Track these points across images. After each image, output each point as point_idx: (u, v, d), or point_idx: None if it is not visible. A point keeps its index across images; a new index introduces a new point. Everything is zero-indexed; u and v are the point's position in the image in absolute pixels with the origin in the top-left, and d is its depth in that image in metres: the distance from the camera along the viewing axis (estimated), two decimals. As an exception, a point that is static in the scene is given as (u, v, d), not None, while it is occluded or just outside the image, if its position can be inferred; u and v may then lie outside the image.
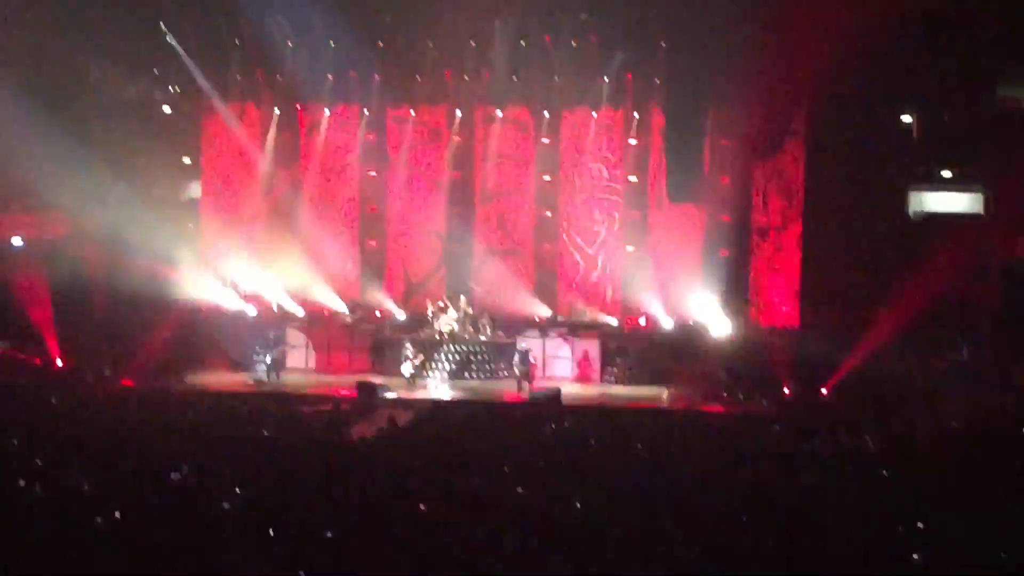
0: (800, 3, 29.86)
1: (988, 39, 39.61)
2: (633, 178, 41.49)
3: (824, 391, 34.87)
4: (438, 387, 38.30)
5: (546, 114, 41.54)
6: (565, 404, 34.31)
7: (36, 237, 42.61)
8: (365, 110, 42.23)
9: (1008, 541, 15.28)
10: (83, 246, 42.77)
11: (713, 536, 15.40)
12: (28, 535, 15.19)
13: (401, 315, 41.96)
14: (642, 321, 40.78)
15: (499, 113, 41.68)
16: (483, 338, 40.65)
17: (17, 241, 40.87)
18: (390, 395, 36.16)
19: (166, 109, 43.82)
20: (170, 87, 44.13)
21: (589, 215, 41.61)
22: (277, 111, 42.49)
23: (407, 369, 37.95)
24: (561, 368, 40.37)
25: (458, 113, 42.11)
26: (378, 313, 42.04)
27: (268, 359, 39.56)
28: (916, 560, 14.79)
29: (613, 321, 40.95)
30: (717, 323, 40.14)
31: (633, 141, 41.19)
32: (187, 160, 44.49)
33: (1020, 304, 36.44)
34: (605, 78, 40.55)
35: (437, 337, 40.03)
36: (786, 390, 35.31)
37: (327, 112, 42.42)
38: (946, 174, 42.27)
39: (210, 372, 39.77)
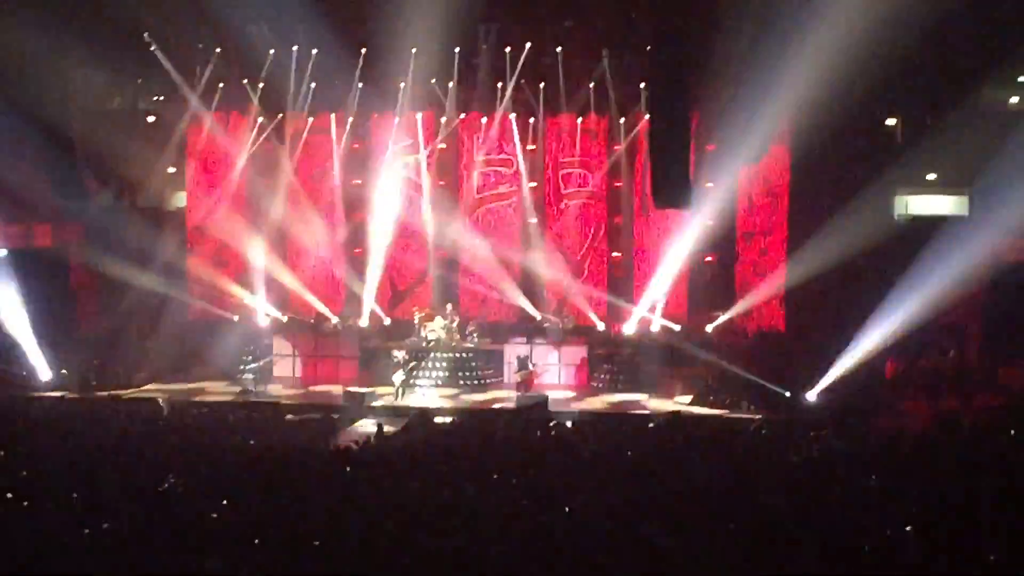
0: (782, 8, 29.89)
1: (970, 42, 39.72)
2: (618, 184, 41.57)
3: (810, 394, 34.88)
4: (426, 395, 38.23)
5: (531, 120, 41.57)
6: (552, 410, 34.30)
7: (21, 247, 42.55)
8: (349, 118, 42.17)
9: (997, 544, 15.29)
10: (68, 256, 42.78)
11: (702, 541, 15.40)
12: (13, 547, 15.16)
13: (387, 323, 41.89)
14: (628, 327, 40.76)
15: (483, 120, 41.66)
16: (470, 345, 40.65)
17: (0, 251, 40.73)
18: (377, 403, 36.11)
19: (150, 118, 43.79)
20: (154, 96, 44.14)
21: (574, 221, 41.62)
22: (261, 119, 42.42)
23: (398, 377, 37.87)
24: (548, 375, 40.34)
25: (442, 120, 42.11)
26: (363, 322, 41.96)
27: (255, 369, 39.54)
28: (904, 563, 14.80)
29: (600, 327, 40.92)
30: (703, 328, 40.20)
31: (617, 147, 41.27)
32: (172, 169, 44.45)
33: (1005, 305, 36.49)
34: (590, 84, 40.62)
35: (424, 345, 39.99)
36: (774, 395, 35.29)
37: (310, 120, 42.37)
38: (930, 177, 42.36)
39: (197, 381, 39.69)
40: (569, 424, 30.96)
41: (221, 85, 42.12)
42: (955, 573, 14.41)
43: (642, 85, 39.36)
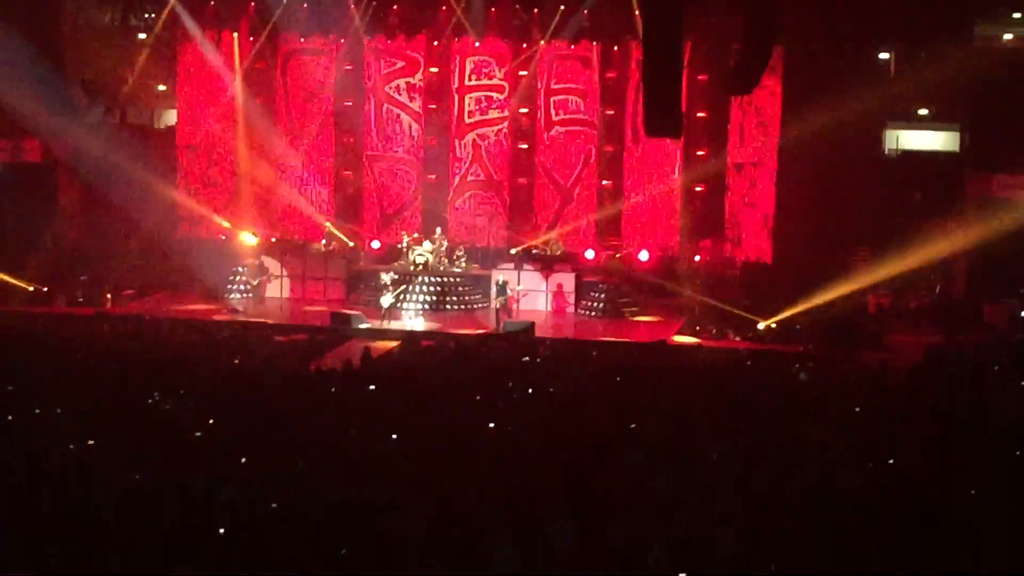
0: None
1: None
2: (609, 112, 41.52)
3: (797, 326, 34.98)
4: (413, 319, 38.26)
5: (524, 46, 41.44)
6: (539, 336, 34.38)
7: (10, 162, 42.49)
8: (341, 39, 41.99)
9: (977, 480, 15.39)
10: (57, 172, 42.70)
11: (686, 473, 15.49)
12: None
13: (376, 246, 41.88)
14: (617, 254, 40.84)
15: (476, 44, 41.51)
16: (458, 270, 40.65)
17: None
18: (364, 326, 36.14)
19: (141, 36, 43.57)
20: (145, 13, 43.90)
21: (565, 148, 41.56)
22: (252, 39, 42.22)
23: (386, 300, 37.86)
24: (536, 301, 40.36)
25: (435, 43, 41.96)
26: (352, 243, 41.97)
27: (246, 288, 39.66)
28: (887, 494, 14.90)
29: (588, 254, 40.92)
30: (691, 257, 40.31)
31: (610, 74, 41.19)
32: (162, 87, 44.28)
33: (993, 242, 36.56)
34: (584, 11, 40.48)
35: (412, 269, 39.98)
36: (759, 325, 35.41)
37: (303, 41, 42.18)
38: (923, 112, 42.37)
39: (184, 300, 39.65)
40: (555, 350, 31.01)
41: (212, 3, 41.87)
42: (934, 508, 14.50)
43: (636, 12, 39.17)
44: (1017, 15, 42.92)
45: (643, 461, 15.81)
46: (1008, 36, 43.32)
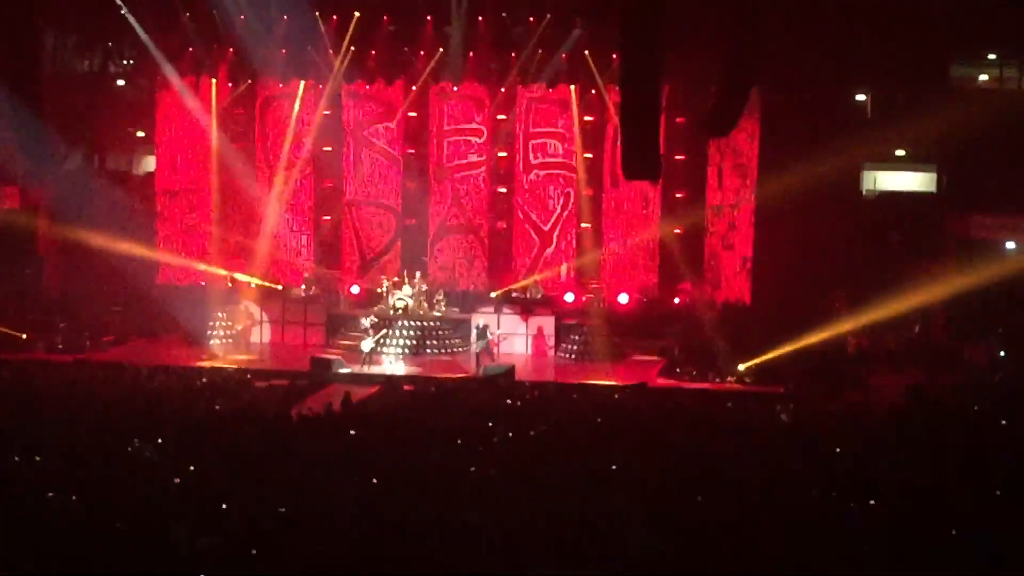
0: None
1: (941, 18, 39.90)
2: (588, 155, 41.59)
3: (777, 368, 35.02)
4: (393, 363, 38.20)
5: (502, 90, 41.54)
6: (519, 380, 34.37)
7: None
8: (320, 85, 42.05)
9: (959, 518, 15.42)
10: (36, 218, 42.65)
11: (668, 511, 15.50)
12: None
13: (355, 290, 41.85)
14: (596, 298, 40.84)
15: (455, 88, 41.59)
16: (437, 314, 40.64)
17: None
18: (344, 371, 36.11)
19: (120, 82, 43.63)
20: (124, 60, 43.98)
21: (544, 192, 41.59)
22: (231, 85, 42.26)
23: (366, 345, 37.85)
24: (516, 344, 40.33)
25: (413, 88, 42.06)
26: (332, 288, 41.93)
27: (230, 332, 39.67)
28: (868, 536, 14.92)
29: (568, 297, 40.92)
30: (671, 299, 40.38)
31: (588, 118, 41.30)
32: (141, 133, 44.31)
33: (971, 283, 36.63)
34: (562, 54, 40.60)
35: (392, 313, 39.96)
36: (740, 367, 35.44)
37: (281, 86, 42.21)
38: (900, 152, 42.58)
39: (165, 346, 39.55)
40: (536, 393, 31.03)
41: (191, 49, 41.90)
42: (921, 545, 14.53)
43: (614, 56, 39.29)
44: (992, 57, 43.23)
45: (625, 503, 15.80)
46: (983, 77, 43.64)
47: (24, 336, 38.33)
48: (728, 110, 27.42)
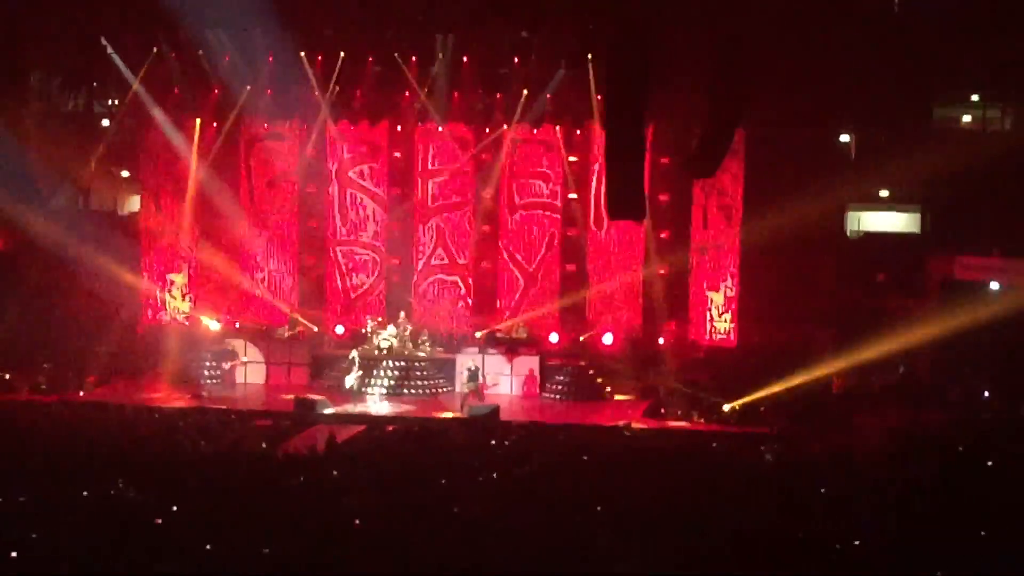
0: (738, 22, 29.99)
1: (924, 59, 40.08)
2: (573, 195, 41.63)
3: (761, 408, 35.03)
4: (377, 403, 38.15)
5: (487, 130, 41.58)
6: (504, 420, 34.32)
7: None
8: (305, 125, 42.06)
9: (944, 559, 15.39)
10: (20, 258, 42.53)
11: (653, 551, 15.45)
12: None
13: (340, 331, 41.77)
14: (580, 338, 40.84)
15: (440, 129, 41.62)
16: (422, 354, 40.63)
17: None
18: (328, 411, 36.03)
19: (105, 122, 43.62)
20: (109, 100, 43.97)
21: (529, 232, 41.62)
22: (216, 125, 42.25)
23: (351, 380, 37.80)
24: (500, 385, 40.27)
25: (398, 128, 42.10)
26: (316, 329, 41.88)
27: (216, 372, 39.61)
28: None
29: (553, 338, 40.90)
30: (656, 340, 40.37)
31: (573, 158, 41.36)
32: (125, 173, 44.26)
33: (956, 323, 36.67)
34: (547, 95, 40.67)
35: (376, 353, 39.94)
36: (725, 407, 35.44)
37: (266, 127, 42.21)
38: (883, 193, 42.69)
39: (149, 386, 39.44)
40: (521, 433, 30.97)
41: (176, 90, 41.90)
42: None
43: (598, 96, 39.38)
44: (975, 98, 43.40)
45: (609, 543, 15.76)
46: (967, 118, 43.79)
47: (7, 376, 38.27)
48: (713, 150, 27.41)
